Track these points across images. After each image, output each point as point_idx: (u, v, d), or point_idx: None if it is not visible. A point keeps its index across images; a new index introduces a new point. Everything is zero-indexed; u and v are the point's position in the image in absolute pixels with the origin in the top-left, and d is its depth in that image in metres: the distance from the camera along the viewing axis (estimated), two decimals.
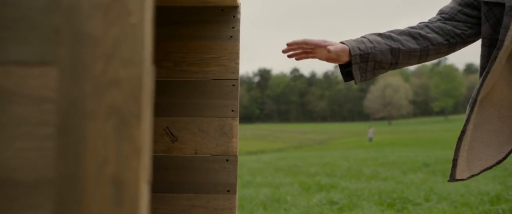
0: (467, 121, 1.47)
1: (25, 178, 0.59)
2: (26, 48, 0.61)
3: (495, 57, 1.41)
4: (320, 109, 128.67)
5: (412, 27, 1.58)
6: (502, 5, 1.45)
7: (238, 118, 1.87)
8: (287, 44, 1.57)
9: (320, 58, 1.54)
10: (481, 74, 1.52)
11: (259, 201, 5.40)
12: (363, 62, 1.51)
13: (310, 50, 1.56)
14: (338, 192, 5.96)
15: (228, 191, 1.83)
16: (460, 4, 1.57)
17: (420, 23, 1.60)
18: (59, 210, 0.58)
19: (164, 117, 1.87)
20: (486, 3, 1.49)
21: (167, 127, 1.86)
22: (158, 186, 1.84)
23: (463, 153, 1.47)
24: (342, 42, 1.53)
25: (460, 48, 1.60)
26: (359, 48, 1.50)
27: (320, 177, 7.86)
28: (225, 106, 1.87)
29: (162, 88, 1.86)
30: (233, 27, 1.89)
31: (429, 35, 1.55)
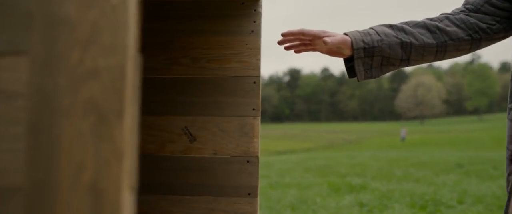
0: None
1: None
2: None
3: None
4: (350, 108, 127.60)
5: (431, 19, 1.37)
6: None
7: (259, 117, 1.78)
8: (282, 34, 1.40)
9: (320, 51, 1.36)
10: None
11: (287, 202, 5.30)
12: (368, 57, 1.32)
13: (308, 42, 1.39)
14: (369, 193, 5.82)
15: (249, 194, 1.74)
16: None
17: (441, 14, 1.40)
18: None
19: (182, 116, 1.79)
20: None
21: (186, 127, 1.79)
22: (176, 188, 1.77)
23: None
24: (345, 34, 1.35)
25: (485, 46, 1.37)
26: (363, 41, 1.31)
27: (350, 178, 7.71)
28: (246, 104, 1.78)
29: (180, 86, 1.78)
30: (254, 22, 1.80)
31: (448, 28, 1.33)
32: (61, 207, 0.49)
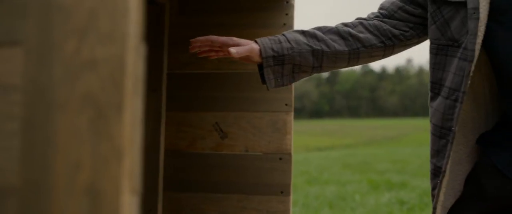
0: (448, 157, 1.16)
1: None
2: None
3: (469, 72, 1.11)
4: (391, 104, 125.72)
5: (345, 24, 1.33)
6: (452, 3, 1.17)
7: (292, 113, 1.73)
8: (191, 41, 1.35)
9: (232, 57, 1.30)
10: (436, 90, 1.22)
11: (325, 199, 5.23)
12: (278, 65, 1.29)
13: (219, 49, 1.34)
14: (409, 191, 5.68)
15: (281, 192, 1.69)
16: (402, 0, 1.31)
17: (357, 19, 1.36)
18: None
19: (212, 112, 1.75)
20: (434, 1, 1.22)
21: (216, 123, 1.75)
22: (207, 186, 1.73)
23: (442, 197, 1.19)
24: (256, 41, 1.30)
25: (399, 51, 1.34)
26: (272, 49, 1.28)
27: (390, 175, 7.55)
28: (278, 100, 1.72)
29: (211, 81, 1.74)
30: (286, 14, 1.74)
31: (361, 35, 1.30)
32: (56, 210, 0.45)
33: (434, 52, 1.22)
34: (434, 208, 1.19)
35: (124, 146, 0.44)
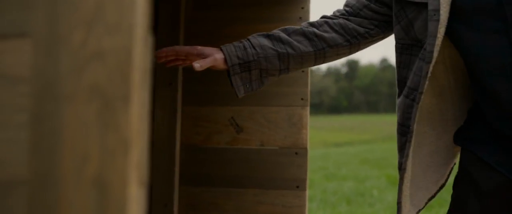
0: (407, 155, 1.18)
1: (0, 177, 0.48)
2: (0, 17, 0.49)
3: (427, 73, 1.11)
4: None
5: (311, 24, 1.32)
6: (415, 4, 1.16)
7: (308, 107, 1.72)
8: (157, 52, 1.32)
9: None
10: (401, 89, 1.23)
11: (343, 194, 5.21)
12: (245, 71, 1.28)
13: (185, 57, 1.31)
14: None
15: (297, 187, 1.68)
16: None
17: (322, 18, 1.34)
18: None
19: (228, 106, 1.75)
20: (397, 1, 1.21)
21: (232, 117, 1.74)
22: (223, 180, 1.73)
23: (406, 192, 1.20)
24: (221, 48, 1.28)
25: (365, 47, 1.35)
26: (238, 57, 1.26)
27: None
28: (294, 94, 1.72)
29: (224, 76, 1.74)
30: (302, 8, 1.73)
31: (326, 35, 1.29)
32: (64, 201, 0.45)
33: (399, 51, 1.23)
34: (399, 203, 1.20)
35: (131, 138, 0.44)
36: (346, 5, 1.33)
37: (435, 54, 1.10)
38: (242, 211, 1.70)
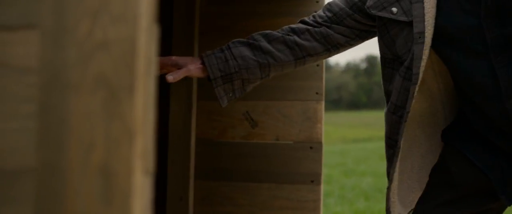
0: (394, 168, 1.19)
1: (8, 165, 0.49)
2: (9, 9, 0.50)
3: (413, 94, 1.13)
4: None
5: (292, 30, 1.29)
6: (397, 22, 1.16)
7: (323, 102, 1.71)
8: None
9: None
10: (387, 100, 1.23)
11: (361, 190, 5.18)
12: (227, 83, 1.28)
13: (161, 66, 1.28)
14: None
15: (312, 181, 1.68)
16: (351, 8, 1.26)
17: (303, 23, 1.31)
18: (40, 207, 0.47)
19: (243, 101, 1.75)
20: (380, 17, 1.20)
21: (247, 112, 1.75)
22: (238, 175, 1.74)
23: (394, 198, 1.21)
24: (202, 58, 1.27)
25: (344, 51, 1.34)
26: (220, 69, 1.26)
27: None
28: (308, 88, 1.71)
29: None
30: (316, 1, 1.73)
31: (307, 44, 1.28)
32: (71, 189, 0.46)
33: (383, 64, 1.25)
34: (388, 210, 1.22)
35: (136, 127, 0.45)
36: (328, 10, 1.30)
37: (421, 75, 1.11)
38: (257, 205, 1.71)
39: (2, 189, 0.49)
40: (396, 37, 1.17)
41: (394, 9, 1.15)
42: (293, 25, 1.31)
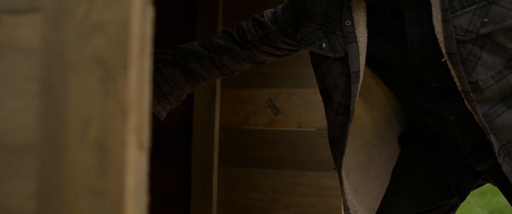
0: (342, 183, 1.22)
1: (15, 141, 0.52)
2: None
3: (348, 129, 1.12)
4: None
5: (220, 48, 1.27)
6: (326, 57, 1.14)
7: None
8: None
9: None
10: (332, 126, 1.20)
11: None
12: (163, 101, 1.29)
13: None
14: None
15: (334, 168, 1.68)
16: (283, 32, 1.23)
17: (231, 40, 1.28)
18: (43, 179, 0.50)
19: (266, 88, 1.77)
20: (313, 55, 1.18)
21: (270, 99, 1.76)
22: (261, 161, 1.76)
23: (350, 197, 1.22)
24: None
25: None
26: (153, 93, 1.26)
27: None
28: None
29: None
30: None
31: (235, 64, 1.29)
32: (70, 163, 0.48)
33: (321, 93, 1.25)
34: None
35: (130, 104, 0.47)
36: (260, 28, 1.26)
37: (354, 112, 1.12)
38: (279, 191, 1.73)
39: (10, 163, 0.52)
40: (327, 73, 1.16)
41: (323, 45, 1.14)
42: (221, 42, 1.28)
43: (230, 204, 1.78)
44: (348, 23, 1.10)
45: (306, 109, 1.73)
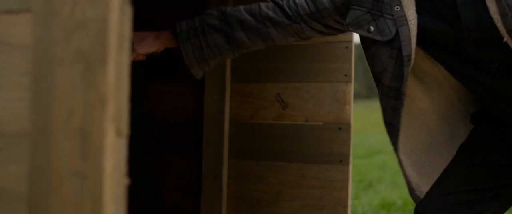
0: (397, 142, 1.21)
1: (10, 129, 0.57)
2: None
3: (400, 112, 1.15)
4: None
5: (270, 21, 1.24)
6: (374, 41, 1.16)
7: (352, 83, 1.74)
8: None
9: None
10: (384, 110, 1.22)
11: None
12: (202, 63, 1.28)
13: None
14: None
15: (340, 161, 1.72)
16: (335, 10, 1.21)
17: (283, 13, 1.23)
18: (33, 163, 0.55)
19: (274, 83, 1.80)
20: (363, 39, 1.20)
21: (278, 93, 1.80)
22: (268, 154, 1.80)
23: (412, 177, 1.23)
24: (178, 43, 1.26)
25: None
26: (195, 57, 1.26)
27: None
28: (337, 70, 1.74)
29: (270, 53, 1.79)
30: None
31: (281, 38, 1.26)
32: (56, 148, 0.53)
33: (374, 77, 1.24)
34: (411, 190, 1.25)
35: (108, 95, 0.52)
36: (314, 4, 1.22)
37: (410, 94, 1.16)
38: (287, 184, 1.76)
39: (5, 149, 0.57)
40: (375, 55, 1.18)
41: (371, 28, 1.15)
42: (271, 14, 1.24)
43: (239, 196, 1.82)
44: (397, 8, 1.12)
45: (313, 103, 1.76)
